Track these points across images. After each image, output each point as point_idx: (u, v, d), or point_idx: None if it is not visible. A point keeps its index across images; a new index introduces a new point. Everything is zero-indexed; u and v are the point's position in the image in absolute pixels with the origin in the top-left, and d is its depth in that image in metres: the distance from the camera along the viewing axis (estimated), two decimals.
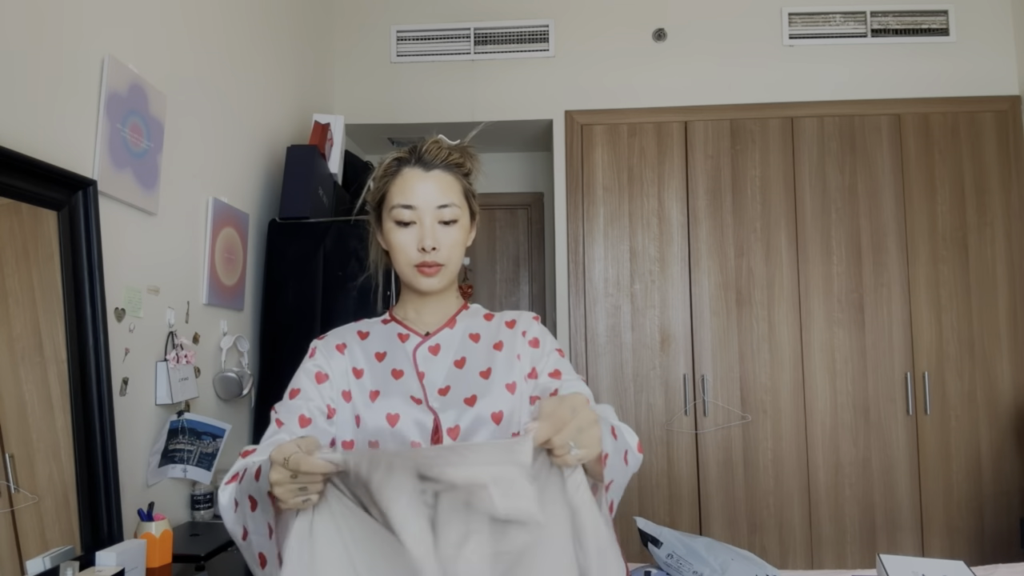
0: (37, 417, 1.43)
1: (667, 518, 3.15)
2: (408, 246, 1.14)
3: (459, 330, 1.21)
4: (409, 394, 1.12)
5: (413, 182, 1.14)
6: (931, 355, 3.17)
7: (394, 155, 1.18)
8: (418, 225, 1.13)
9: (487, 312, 1.26)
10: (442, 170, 1.15)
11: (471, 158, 1.21)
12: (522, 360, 1.17)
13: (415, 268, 1.14)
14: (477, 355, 1.17)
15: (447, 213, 1.14)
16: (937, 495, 3.13)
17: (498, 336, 1.20)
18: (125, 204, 1.78)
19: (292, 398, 1.13)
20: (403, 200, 1.14)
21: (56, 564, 1.37)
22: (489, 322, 1.23)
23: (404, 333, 1.20)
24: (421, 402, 1.12)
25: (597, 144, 3.36)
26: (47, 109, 1.52)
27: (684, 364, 3.24)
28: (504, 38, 3.46)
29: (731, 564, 1.73)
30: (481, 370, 1.16)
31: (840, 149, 3.27)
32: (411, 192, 1.13)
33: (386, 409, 1.11)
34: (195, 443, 1.96)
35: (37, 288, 1.47)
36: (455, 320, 1.22)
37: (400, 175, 1.15)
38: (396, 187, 1.15)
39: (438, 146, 1.16)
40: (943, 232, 3.21)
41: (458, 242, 1.16)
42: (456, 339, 1.20)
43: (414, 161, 1.16)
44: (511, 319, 1.23)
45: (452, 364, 1.17)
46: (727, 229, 3.27)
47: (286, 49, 2.90)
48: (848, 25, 3.37)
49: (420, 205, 1.13)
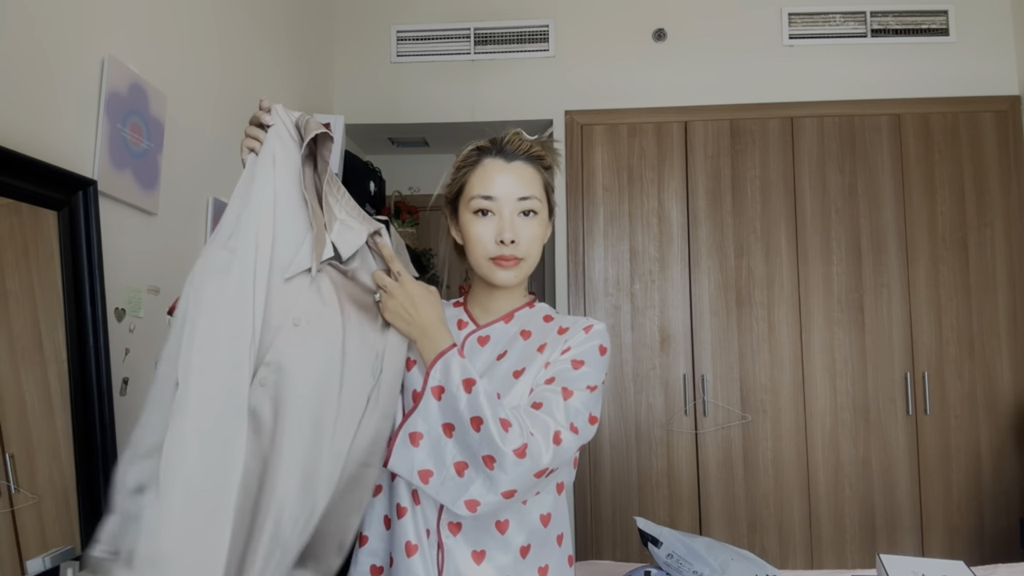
0: (37, 417, 1.43)
1: (667, 518, 3.15)
2: (486, 238, 1.10)
3: (513, 325, 1.18)
4: None
5: (494, 173, 1.11)
6: (931, 355, 3.17)
7: (474, 145, 1.15)
8: (497, 217, 1.10)
9: (549, 314, 1.22)
10: (524, 162, 1.13)
11: (552, 152, 1.18)
12: (549, 368, 1.13)
13: (491, 261, 1.11)
14: (519, 353, 1.14)
15: (527, 205, 1.11)
16: (937, 495, 3.13)
17: (545, 339, 1.15)
18: (125, 204, 1.78)
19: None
20: (483, 191, 1.11)
21: (56, 564, 1.37)
22: (546, 324, 1.19)
23: (464, 320, 1.19)
24: None
25: (597, 144, 3.36)
26: (47, 109, 1.52)
27: (684, 364, 3.24)
28: (504, 38, 3.46)
29: (731, 564, 1.73)
30: (516, 369, 1.12)
31: (840, 149, 3.27)
32: (491, 183, 1.11)
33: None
34: None
35: (37, 288, 1.47)
36: (513, 315, 1.19)
37: (480, 166, 1.13)
38: (476, 177, 1.12)
39: (520, 138, 1.14)
40: (943, 232, 3.21)
41: (537, 236, 1.13)
42: (508, 334, 1.17)
43: (495, 152, 1.13)
44: (567, 324, 1.17)
45: (495, 358, 1.14)
46: (727, 229, 3.27)
47: (286, 49, 2.90)
48: (848, 25, 3.37)
49: (500, 196, 1.10)
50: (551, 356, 1.12)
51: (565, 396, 1.06)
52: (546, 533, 1.11)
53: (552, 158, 1.18)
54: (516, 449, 0.97)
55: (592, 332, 1.14)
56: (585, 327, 1.14)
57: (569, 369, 1.09)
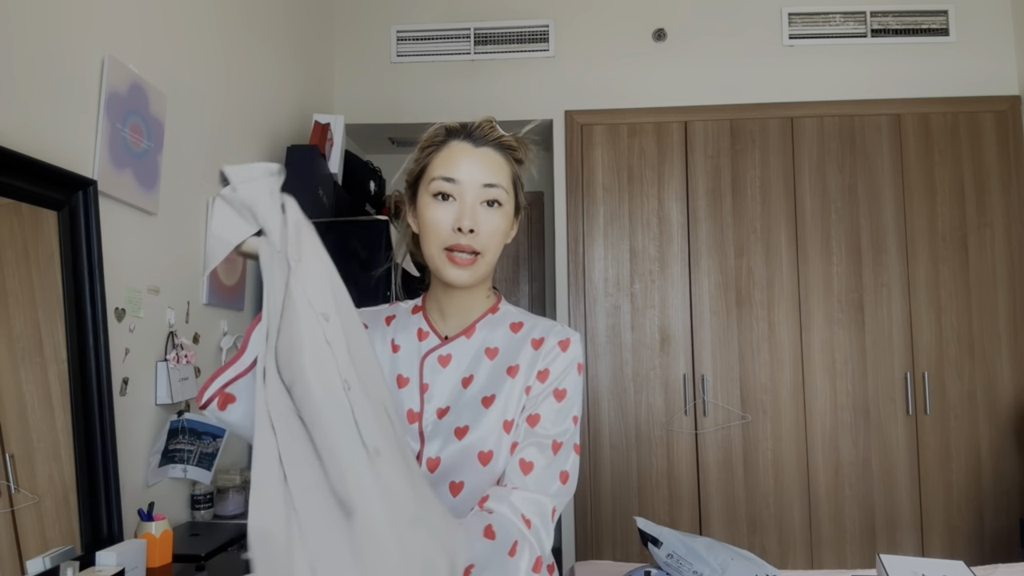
0: (37, 417, 1.43)
1: (667, 518, 3.15)
2: (442, 224, 0.99)
3: (476, 341, 1.06)
4: (407, 407, 1.03)
5: (460, 155, 1.01)
6: (931, 355, 3.17)
7: (441, 124, 1.06)
8: (458, 203, 1.00)
9: (516, 319, 1.08)
10: (493, 149, 1.04)
11: (525, 147, 1.08)
12: (530, 395, 1.02)
13: (445, 252, 1.00)
14: (486, 377, 1.03)
15: (492, 194, 1.01)
16: (937, 495, 3.13)
17: (517, 357, 1.03)
18: (125, 204, 1.78)
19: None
20: (445, 172, 1.00)
21: (56, 564, 1.37)
22: (515, 335, 1.06)
23: (425, 330, 1.08)
24: (417, 420, 1.02)
25: (597, 144, 3.36)
26: (47, 109, 1.52)
27: (684, 364, 3.24)
28: (504, 38, 3.46)
29: (731, 564, 1.73)
30: (485, 395, 1.01)
31: (840, 149, 3.27)
32: (456, 165, 1.01)
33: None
34: (195, 443, 1.96)
35: (37, 288, 1.47)
36: (474, 328, 1.07)
37: (446, 147, 1.03)
38: (440, 159, 1.02)
39: (491, 125, 1.05)
40: (943, 232, 3.21)
41: (499, 229, 1.02)
42: (470, 352, 1.05)
43: (464, 135, 1.04)
44: (539, 335, 1.05)
45: (459, 381, 1.03)
46: (727, 229, 3.27)
47: (286, 49, 2.90)
48: (848, 25, 3.37)
49: (463, 180, 1.00)
50: (528, 379, 1.02)
51: (554, 449, 0.98)
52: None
53: (525, 153, 1.08)
54: (531, 566, 0.92)
55: (570, 350, 1.03)
56: (561, 341, 1.04)
57: (552, 403, 1.00)
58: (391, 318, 1.12)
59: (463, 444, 0.99)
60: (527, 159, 1.08)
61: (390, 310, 1.14)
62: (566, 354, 1.03)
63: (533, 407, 1.00)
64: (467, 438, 0.99)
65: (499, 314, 1.09)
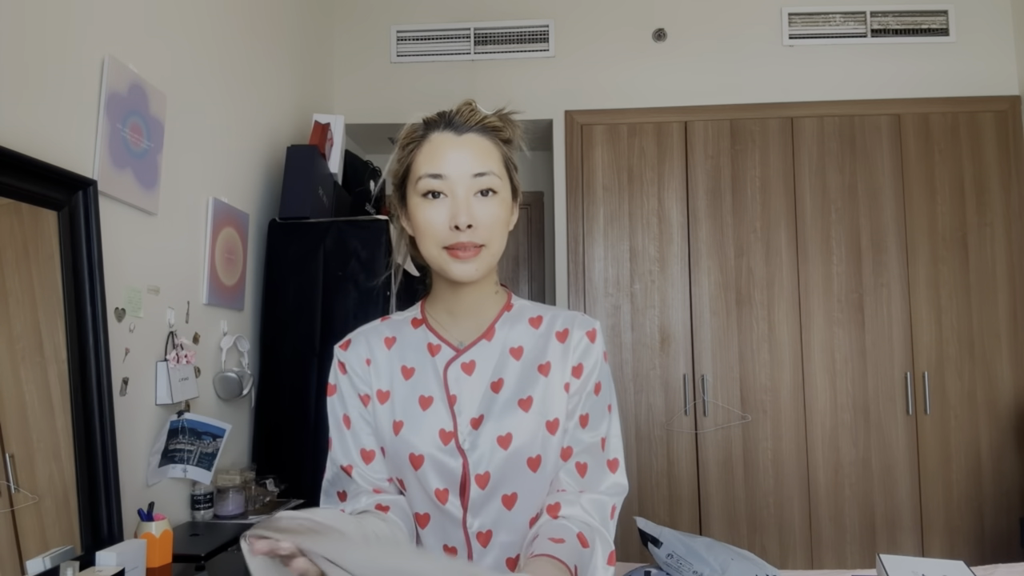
0: (37, 417, 1.43)
1: (667, 518, 3.15)
2: (437, 224, 0.93)
3: (498, 342, 1.01)
4: (438, 427, 0.97)
5: (443, 148, 0.95)
6: (931, 355, 3.17)
7: (419, 118, 1.00)
8: (450, 198, 0.93)
9: (534, 313, 1.05)
10: (477, 134, 0.96)
11: (511, 124, 1.00)
12: (570, 392, 0.99)
13: (446, 252, 0.94)
14: (516, 378, 0.99)
15: (485, 183, 0.94)
16: (937, 495, 3.13)
17: (545, 354, 1.00)
18: (125, 204, 1.78)
19: (347, 427, 1.02)
20: (431, 169, 0.94)
21: (56, 564, 1.37)
22: (536, 329, 1.03)
23: (435, 344, 1.02)
24: (451, 437, 0.96)
25: (597, 144, 3.36)
26: (47, 109, 1.52)
27: (684, 364, 3.24)
28: (504, 38, 3.46)
29: (731, 564, 1.73)
30: (521, 398, 0.97)
31: (840, 149, 3.27)
32: (441, 159, 0.94)
33: (409, 448, 0.97)
34: (195, 443, 1.96)
35: (37, 288, 1.47)
36: (493, 329, 1.02)
37: (427, 141, 0.97)
38: (423, 155, 0.96)
39: (471, 108, 0.97)
40: (943, 232, 3.21)
41: (499, 218, 0.96)
42: (495, 354, 1.01)
43: (444, 125, 0.97)
44: (563, 327, 1.02)
45: (488, 387, 0.99)
46: (727, 229, 3.27)
47: (286, 49, 2.90)
48: (848, 25, 3.37)
49: (452, 174, 0.93)
50: (564, 376, 1.00)
51: (603, 446, 1.00)
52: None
53: (512, 131, 1.00)
54: (606, 560, 0.95)
55: (597, 339, 1.03)
56: (588, 332, 1.02)
57: (594, 398, 1.00)
58: (391, 340, 1.05)
59: (509, 453, 0.95)
60: (515, 137, 1.01)
61: (387, 329, 1.06)
62: (595, 345, 1.02)
63: (581, 407, 1.00)
64: (512, 446, 0.95)
65: (515, 310, 1.05)
